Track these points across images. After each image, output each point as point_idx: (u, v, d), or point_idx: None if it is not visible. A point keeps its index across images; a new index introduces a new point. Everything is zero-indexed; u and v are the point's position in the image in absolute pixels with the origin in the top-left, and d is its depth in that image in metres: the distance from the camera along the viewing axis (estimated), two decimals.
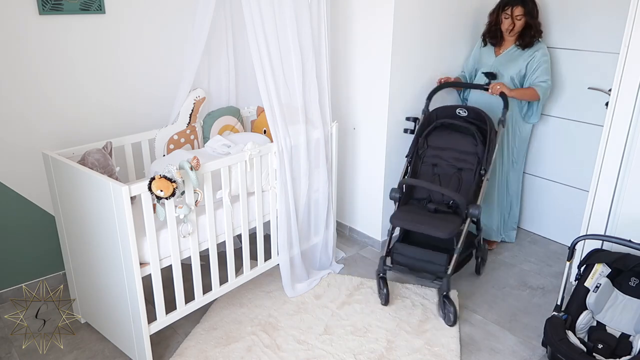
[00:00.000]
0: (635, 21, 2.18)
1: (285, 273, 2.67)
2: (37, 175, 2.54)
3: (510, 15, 2.83)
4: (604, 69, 2.87)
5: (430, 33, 2.97)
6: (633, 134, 2.30)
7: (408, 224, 2.52)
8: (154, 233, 2.04)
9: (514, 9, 2.81)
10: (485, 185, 2.63)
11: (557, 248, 3.30)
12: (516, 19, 2.83)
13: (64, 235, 2.36)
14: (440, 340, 2.40)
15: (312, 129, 2.64)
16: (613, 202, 2.43)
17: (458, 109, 2.73)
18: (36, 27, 2.40)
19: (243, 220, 2.44)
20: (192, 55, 2.62)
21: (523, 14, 2.81)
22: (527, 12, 2.81)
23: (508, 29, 2.87)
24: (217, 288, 2.43)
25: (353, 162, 3.24)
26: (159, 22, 2.77)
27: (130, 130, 2.75)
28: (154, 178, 1.92)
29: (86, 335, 2.41)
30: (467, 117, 2.71)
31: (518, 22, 2.84)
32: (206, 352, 2.31)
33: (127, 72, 2.74)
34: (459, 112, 2.73)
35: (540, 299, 2.76)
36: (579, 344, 2.05)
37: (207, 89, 2.83)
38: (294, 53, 2.47)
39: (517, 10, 2.82)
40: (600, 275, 2.24)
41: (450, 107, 2.77)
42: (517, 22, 2.84)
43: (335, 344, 2.37)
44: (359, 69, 3.02)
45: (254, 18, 2.30)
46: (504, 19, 2.87)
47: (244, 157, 2.35)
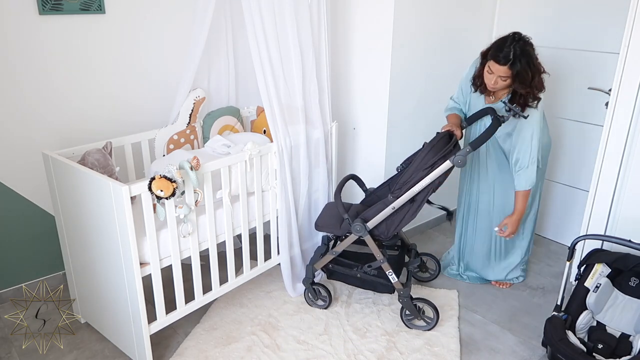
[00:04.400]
0: (635, 21, 2.18)
1: (286, 273, 2.67)
2: (37, 175, 2.54)
3: (494, 72, 2.24)
4: (604, 69, 2.86)
5: (431, 32, 2.97)
6: (633, 134, 2.30)
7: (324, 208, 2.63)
8: (154, 233, 2.03)
9: (499, 67, 2.20)
10: (387, 211, 2.27)
11: (557, 248, 3.30)
12: (500, 79, 2.24)
13: (64, 235, 2.36)
14: (440, 340, 2.40)
15: (312, 128, 2.64)
16: (613, 202, 2.43)
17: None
18: (36, 27, 2.40)
19: (243, 220, 2.44)
20: (192, 55, 2.62)
21: (509, 77, 2.21)
22: (515, 77, 2.20)
23: (489, 85, 2.30)
24: (217, 288, 2.43)
25: (353, 162, 3.24)
26: (159, 22, 2.77)
27: (130, 130, 2.75)
28: (154, 178, 1.92)
29: (86, 335, 2.41)
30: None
31: (502, 83, 2.25)
32: (206, 352, 2.31)
33: (126, 72, 2.74)
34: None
35: (540, 299, 2.76)
36: (579, 344, 2.05)
37: (207, 89, 2.83)
38: (294, 53, 2.47)
39: (501, 71, 2.20)
40: (600, 275, 2.24)
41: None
42: (501, 82, 2.25)
43: (335, 344, 2.37)
44: (359, 69, 3.02)
45: (254, 18, 2.30)
46: (487, 72, 2.28)
47: (244, 157, 2.35)
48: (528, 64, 2.18)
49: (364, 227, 2.34)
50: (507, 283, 2.86)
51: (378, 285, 2.53)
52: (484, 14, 3.26)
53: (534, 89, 2.24)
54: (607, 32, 2.83)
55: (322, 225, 2.51)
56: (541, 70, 2.25)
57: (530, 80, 2.20)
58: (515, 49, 2.15)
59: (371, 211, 2.37)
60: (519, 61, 2.16)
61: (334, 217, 2.51)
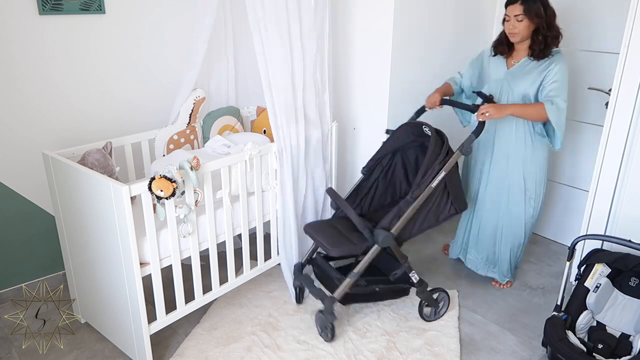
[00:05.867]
0: (635, 21, 2.18)
1: (287, 273, 2.67)
2: (37, 175, 2.54)
3: (509, 16, 2.42)
4: (604, 69, 2.86)
5: (431, 31, 2.98)
6: (633, 134, 2.30)
7: (310, 229, 2.40)
8: (154, 233, 2.04)
9: (512, 7, 2.40)
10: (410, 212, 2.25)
11: (557, 248, 3.30)
12: (516, 19, 2.39)
13: (64, 235, 2.36)
14: (440, 340, 2.40)
15: (312, 128, 2.64)
16: (613, 202, 2.43)
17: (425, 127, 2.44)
18: (36, 27, 2.40)
19: (243, 220, 2.44)
20: (192, 56, 2.62)
21: (523, 13, 2.37)
22: (527, 11, 2.36)
23: (510, 32, 2.45)
24: (217, 288, 2.43)
25: (353, 162, 3.24)
26: (159, 22, 2.77)
27: (130, 130, 2.75)
28: (154, 178, 1.92)
29: (86, 335, 2.41)
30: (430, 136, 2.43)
31: (519, 25, 2.39)
32: (206, 352, 2.31)
33: (127, 72, 2.74)
34: (426, 131, 2.45)
35: (540, 299, 2.76)
36: (579, 344, 2.05)
37: (207, 89, 2.83)
38: (296, 53, 2.47)
39: (515, 9, 2.38)
40: (600, 275, 2.24)
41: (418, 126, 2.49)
42: (519, 25, 2.39)
43: (335, 344, 2.37)
44: (359, 69, 3.02)
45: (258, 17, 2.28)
46: (506, 21, 2.46)
47: (244, 157, 2.35)
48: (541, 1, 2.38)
49: (390, 236, 2.23)
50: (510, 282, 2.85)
51: (398, 291, 2.47)
52: (484, 14, 3.26)
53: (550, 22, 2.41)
54: (607, 32, 2.83)
55: (339, 248, 2.27)
56: (555, 15, 2.42)
57: (545, 12, 2.38)
58: None
59: (387, 218, 2.27)
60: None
61: (339, 236, 2.35)
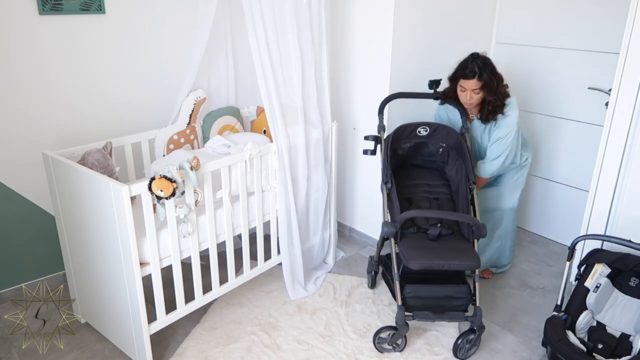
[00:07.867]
0: (635, 21, 2.18)
1: (287, 274, 2.67)
2: (37, 176, 2.54)
3: (466, 89, 2.46)
4: (604, 69, 2.87)
5: (431, 32, 2.97)
6: (633, 134, 2.30)
7: (431, 262, 2.16)
8: (154, 233, 2.04)
9: (470, 82, 2.42)
10: (477, 199, 2.45)
11: (557, 248, 3.30)
12: (474, 92, 2.44)
13: (64, 235, 2.36)
14: (440, 340, 2.40)
15: (311, 129, 2.64)
16: (613, 202, 2.43)
17: (419, 128, 2.52)
18: (36, 27, 2.40)
19: (243, 220, 2.44)
20: (192, 56, 2.62)
21: (480, 88, 2.43)
22: (484, 87, 2.42)
23: (466, 103, 2.51)
24: (217, 288, 2.43)
25: (353, 162, 3.24)
26: (159, 22, 2.77)
27: (130, 130, 2.75)
28: (154, 178, 1.92)
29: (86, 335, 2.42)
30: (428, 135, 2.55)
31: (476, 97, 2.45)
32: (206, 352, 2.31)
33: (127, 72, 2.74)
34: (420, 132, 2.52)
35: (540, 299, 2.76)
36: (579, 344, 2.05)
37: (207, 89, 2.83)
38: (294, 53, 2.47)
39: (472, 84, 2.42)
40: (600, 275, 2.24)
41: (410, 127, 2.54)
42: (475, 97, 2.45)
43: (335, 344, 2.37)
44: (359, 69, 3.02)
45: (255, 18, 2.30)
46: (460, 92, 2.50)
47: (244, 157, 2.35)
48: (492, 73, 2.44)
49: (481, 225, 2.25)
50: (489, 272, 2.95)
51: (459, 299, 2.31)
52: (484, 14, 3.26)
53: (500, 96, 2.48)
54: (607, 32, 2.83)
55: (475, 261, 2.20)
56: (503, 79, 2.50)
57: (497, 88, 2.46)
58: (478, 63, 2.41)
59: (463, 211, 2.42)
60: (485, 72, 2.41)
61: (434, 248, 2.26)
